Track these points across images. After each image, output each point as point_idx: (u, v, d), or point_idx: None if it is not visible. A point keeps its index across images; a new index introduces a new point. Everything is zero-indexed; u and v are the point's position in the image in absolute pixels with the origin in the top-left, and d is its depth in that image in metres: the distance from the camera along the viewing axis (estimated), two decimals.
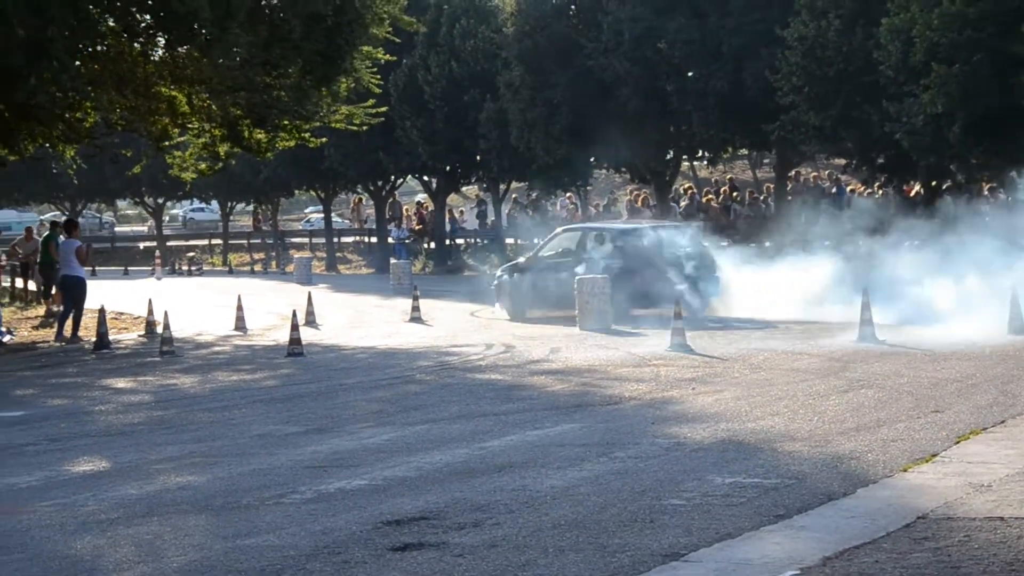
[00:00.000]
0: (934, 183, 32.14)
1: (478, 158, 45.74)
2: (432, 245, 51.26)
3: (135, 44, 26.32)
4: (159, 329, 22.37)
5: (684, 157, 44.63)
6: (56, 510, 9.06)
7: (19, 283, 36.28)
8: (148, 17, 25.64)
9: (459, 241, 51.90)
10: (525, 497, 8.87)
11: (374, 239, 55.23)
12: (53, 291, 27.70)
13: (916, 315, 20.64)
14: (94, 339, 22.60)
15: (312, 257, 50.97)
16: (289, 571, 7.24)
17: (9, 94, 23.58)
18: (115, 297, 32.69)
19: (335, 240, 57.29)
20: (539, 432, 11.69)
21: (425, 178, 51.27)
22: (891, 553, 7.16)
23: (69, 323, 23.99)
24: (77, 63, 23.84)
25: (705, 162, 51.05)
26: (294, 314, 20.53)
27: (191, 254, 59.25)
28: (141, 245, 69.09)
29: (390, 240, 51.92)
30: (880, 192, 35.64)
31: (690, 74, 35.44)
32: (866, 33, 29.53)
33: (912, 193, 33.61)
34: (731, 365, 16.39)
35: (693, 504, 8.49)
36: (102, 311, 22.93)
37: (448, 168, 47.85)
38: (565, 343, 20.01)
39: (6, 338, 24.58)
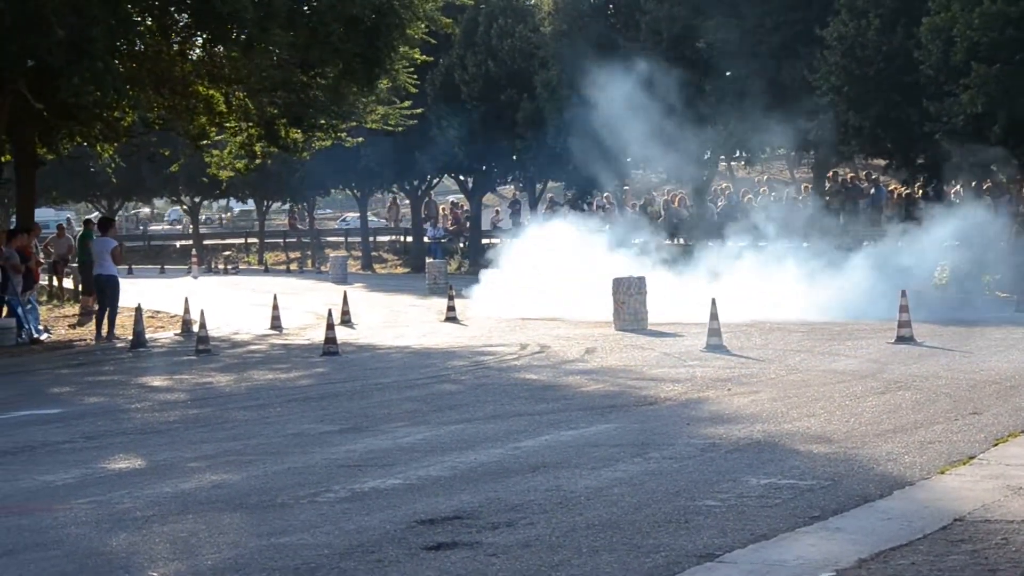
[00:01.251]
0: (974, 183, 31.91)
1: (514, 158, 45.72)
2: (468, 244, 51.30)
3: (173, 44, 26.46)
4: (195, 328, 22.48)
5: (721, 157, 44.46)
6: (92, 507, 9.10)
7: (54, 281, 36.51)
8: (186, 16, 25.78)
9: (495, 240, 51.91)
10: (559, 497, 8.85)
11: (410, 238, 55.34)
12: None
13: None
14: (130, 337, 22.73)
15: (348, 256, 51.12)
16: (323, 570, 7.24)
17: (50, 94, 23.77)
18: (152, 295, 32.86)
19: (371, 239, 57.41)
20: (574, 432, 11.66)
21: (461, 177, 51.30)
22: (927, 555, 7.10)
23: (105, 322, 24.17)
24: (116, 62, 24.00)
25: (743, 162, 50.85)
26: (329, 313, 20.57)
27: (227, 253, 59.51)
28: (177, 244, 69.44)
29: (426, 239, 51.98)
30: (920, 192, 35.41)
31: (728, 73, 35.31)
32: (906, 32, 29.35)
33: (952, 193, 33.37)
34: (767, 366, 16.32)
35: (728, 505, 8.44)
36: (139, 309, 23.05)
37: (484, 168, 47.84)
38: (600, 343, 19.97)
39: (43, 336, 24.75)
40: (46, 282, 36.13)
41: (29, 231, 26.19)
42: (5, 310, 24.32)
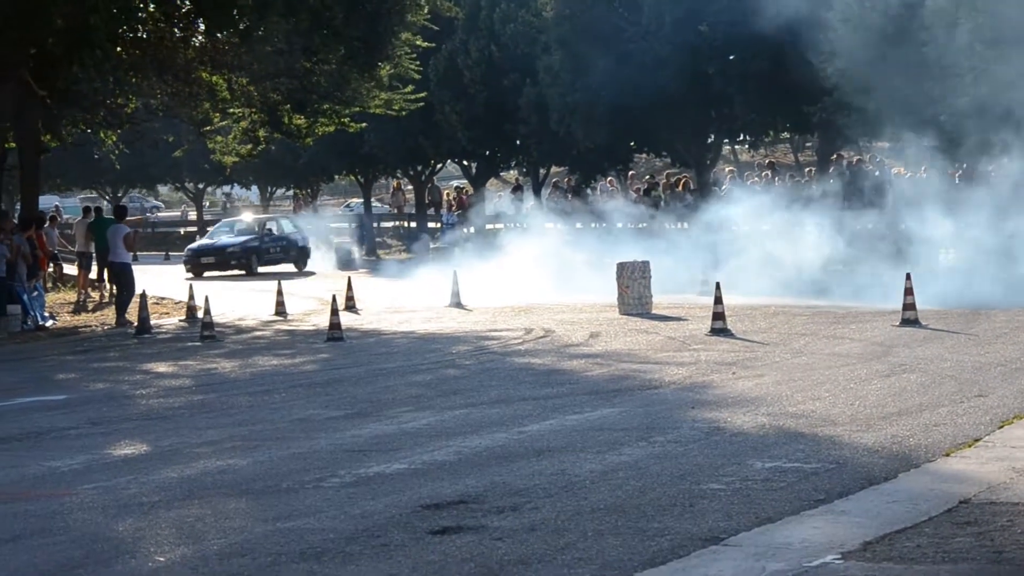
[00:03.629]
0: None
1: (517, 143, 45.66)
2: (472, 230, 51.21)
3: (175, 30, 26.47)
4: (200, 314, 22.48)
5: (725, 141, 44.40)
6: (98, 493, 9.12)
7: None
8: (188, 3, 25.79)
9: (499, 226, 51.80)
10: (564, 481, 8.85)
11: (414, 224, 55.30)
12: (106, 276, 27.89)
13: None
14: (135, 324, 22.77)
15: (352, 242, 51.02)
16: (329, 554, 7.25)
17: (51, 81, 23.76)
18: (156, 282, 32.86)
19: (375, 225, 57.36)
20: (578, 416, 11.67)
21: (464, 163, 51.23)
22: (933, 537, 7.10)
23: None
24: (118, 49, 24.00)
25: (747, 146, 50.82)
26: (334, 299, 20.58)
27: None
28: (182, 230, 69.37)
29: (440, 224, 51.87)
30: (924, 174, 35.32)
31: (731, 57, 35.23)
32: (911, 14, 29.26)
33: (956, 175, 33.28)
34: (772, 349, 16.31)
35: (733, 488, 8.45)
36: (144, 296, 23.09)
37: (487, 153, 47.77)
38: (604, 327, 19.97)
39: (49, 323, 24.79)
40: (52, 269, 36.07)
41: (41, 221, 26.31)
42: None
